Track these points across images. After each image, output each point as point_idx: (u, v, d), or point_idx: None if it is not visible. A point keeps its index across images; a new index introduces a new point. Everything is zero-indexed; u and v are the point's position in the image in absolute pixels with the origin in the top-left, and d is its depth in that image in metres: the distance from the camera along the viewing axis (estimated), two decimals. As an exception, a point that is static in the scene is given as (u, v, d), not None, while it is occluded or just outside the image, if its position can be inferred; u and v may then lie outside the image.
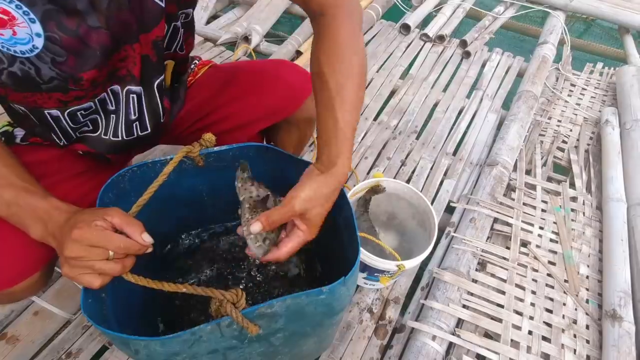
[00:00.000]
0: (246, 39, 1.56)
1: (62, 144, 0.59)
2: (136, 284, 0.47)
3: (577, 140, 1.36)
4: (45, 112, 0.52)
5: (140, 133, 0.63)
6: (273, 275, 0.83)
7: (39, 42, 0.43)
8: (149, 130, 0.64)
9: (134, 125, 0.61)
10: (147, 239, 0.46)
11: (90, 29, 0.45)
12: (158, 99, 0.61)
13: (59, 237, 0.44)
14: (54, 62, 0.45)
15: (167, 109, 0.66)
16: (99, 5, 0.45)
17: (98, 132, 0.60)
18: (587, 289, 0.96)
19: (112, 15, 0.47)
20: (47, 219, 0.45)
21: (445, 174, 1.22)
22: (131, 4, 0.48)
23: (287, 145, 0.82)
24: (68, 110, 0.53)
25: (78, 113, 0.54)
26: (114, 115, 0.59)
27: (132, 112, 0.59)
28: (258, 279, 0.82)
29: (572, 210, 1.13)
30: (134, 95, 0.57)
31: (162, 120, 0.65)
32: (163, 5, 0.51)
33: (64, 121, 0.54)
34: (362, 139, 1.28)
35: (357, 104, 0.52)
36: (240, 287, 0.72)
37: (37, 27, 0.42)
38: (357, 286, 0.91)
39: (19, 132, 0.61)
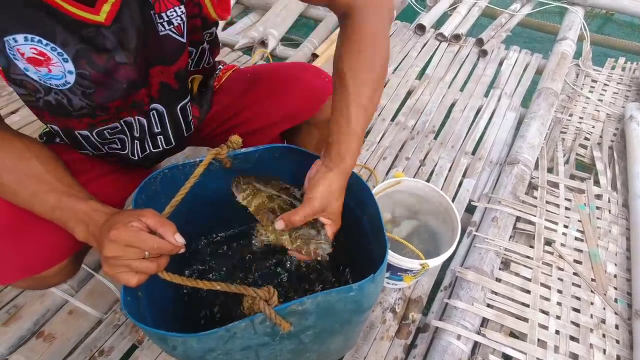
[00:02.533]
0: (263, 43, 1.58)
1: (92, 154, 0.63)
2: (170, 282, 0.48)
3: (600, 136, 1.34)
4: (76, 132, 0.56)
5: (165, 146, 0.67)
6: (299, 275, 0.83)
7: (71, 78, 0.48)
8: (174, 144, 0.67)
9: (159, 138, 0.65)
10: (179, 239, 0.47)
11: (118, 65, 0.50)
12: (181, 119, 0.65)
13: (99, 237, 0.46)
14: (84, 94, 0.50)
15: (194, 122, 0.69)
16: (126, 45, 0.49)
17: (126, 152, 0.63)
18: (616, 288, 0.94)
19: (139, 53, 0.51)
20: (87, 221, 0.48)
21: (464, 173, 1.21)
22: (151, 42, 0.52)
23: (308, 147, 0.83)
24: (96, 130, 0.57)
25: (105, 132, 0.58)
26: (138, 134, 0.63)
27: (155, 126, 0.63)
28: (284, 279, 0.83)
29: (598, 208, 1.10)
30: (154, 112, 0.61)
31: (185, 135, 0.68)
32: (184, 40, 0.55)
33: (92, 138, 0.58)
34: (380, 140, 1.28)
35: (373, 106, 0.55)
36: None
37: (70, 66, 0.47)
38: (380, 286, 0.91)
39: None
